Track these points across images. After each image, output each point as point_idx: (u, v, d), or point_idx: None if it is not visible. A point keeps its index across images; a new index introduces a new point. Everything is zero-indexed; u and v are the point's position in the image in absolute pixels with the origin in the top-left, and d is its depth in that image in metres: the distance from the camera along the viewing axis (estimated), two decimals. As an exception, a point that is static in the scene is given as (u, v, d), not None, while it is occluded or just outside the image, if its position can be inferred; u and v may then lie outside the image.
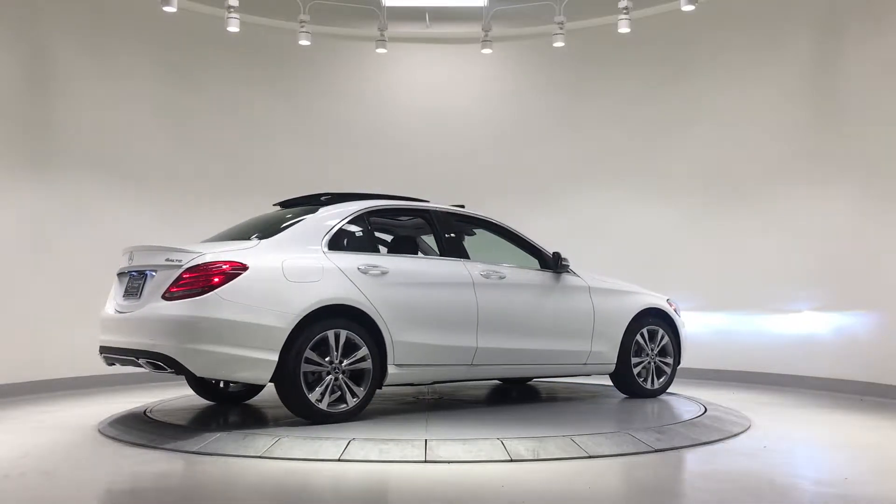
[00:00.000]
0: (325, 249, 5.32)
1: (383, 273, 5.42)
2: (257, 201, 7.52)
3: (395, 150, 9.71)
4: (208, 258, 4.96)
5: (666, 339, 6.72)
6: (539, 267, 6.30)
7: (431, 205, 6.17)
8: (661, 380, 6.72)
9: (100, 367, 6.01)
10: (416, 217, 6.17)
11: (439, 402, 6.42)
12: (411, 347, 5.45)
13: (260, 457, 4.48)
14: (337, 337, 5.13)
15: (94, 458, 4.67)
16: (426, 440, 4.65)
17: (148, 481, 4.13)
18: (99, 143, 8.27)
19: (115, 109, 8.44)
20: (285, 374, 5.00)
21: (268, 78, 9.49)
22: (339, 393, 5.18)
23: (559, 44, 8.91)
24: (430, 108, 9.88)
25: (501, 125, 9.82)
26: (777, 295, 8.16)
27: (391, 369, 5.36)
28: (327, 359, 5.12)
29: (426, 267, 5.86)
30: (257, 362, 4.93)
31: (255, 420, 5.40)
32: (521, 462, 4.39)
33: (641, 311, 6.58)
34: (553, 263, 6.28)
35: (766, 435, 5.35)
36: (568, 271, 6.34)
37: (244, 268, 4.95)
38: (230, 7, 8.28)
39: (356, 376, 5.27)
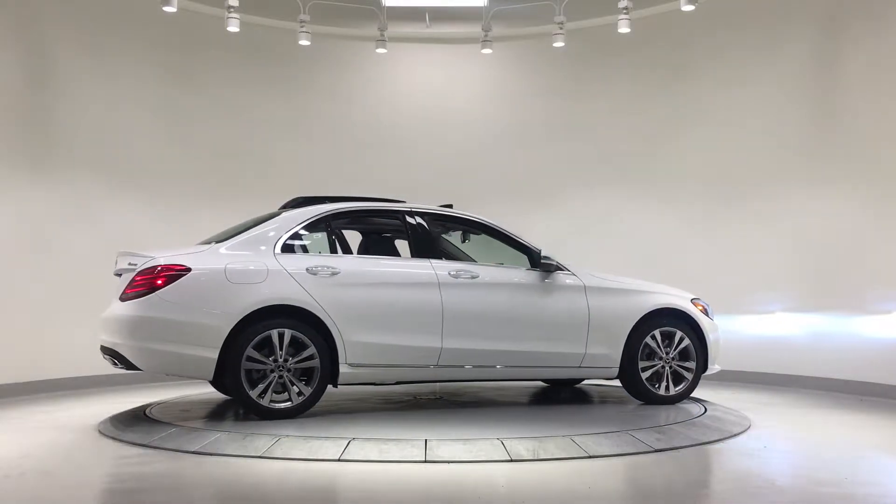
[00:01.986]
0: (278, 252, 5.50)
1: (334, 273, 5.50)
2: (257, 201, 7.54)
3: (395, 149, 9.71)
4: (157, 262, 5.28)
5: (686, 342, 6.20)
6: (529, 266, 6.08)
7: (405, 206, 6.11)
8: (680, 386, 6.21)
9: (100, 367, 6.04)
10: (388, 218, 6.17)
11: (439, 402, 6.42)
12: (365, 347, 5.49)
13: (260, 457, 4.49)
14: (281, 336, 5.29)
15: (94, 458, 4.68)
16: (426, 440, 4.65)
17: (148, 481, 4.13)
18: (99, 143, 8.27)
19: (115, 109, 8.44)
20: (228, 371, 5.21)
21: (268, 78, 9.49)
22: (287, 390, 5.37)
23: (559, 44, 8.91)
24: (430, 108, 9.88)
25: (501, 125, 9.82)
26: (776, 295, 8.16)
27: (343, 368, 5.45)
28: (272, 357, 5.27)
29: (384, 267, 5.81)
30: (198, 359, 5.19)
31: (256, 420, 5.40)
32: (521, 462, 4.40)
33: (653, 311, 6.14)
34: (535, 262, 6.04)
35: (766, 435, 5.35)
36: (561, 269, 6.06)
37: (186, 270, 5.24)
38: (230, 7, 8.28)
39: (308, 375, 5.40)
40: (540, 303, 5.97)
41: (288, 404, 5.33)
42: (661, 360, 6.18)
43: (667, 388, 6.17)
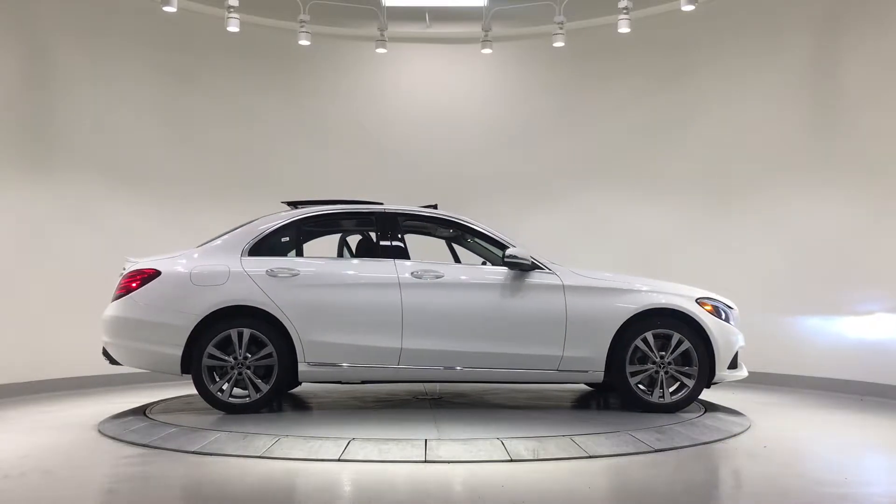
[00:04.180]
0: (245, 256, 5.82)
1: (294, 275, 5.72)
2: (258, 201, 7.54)
3: (395, 149, 9.71)
4: (135, 266, 5.83)
5: (686, 345, 5.75)
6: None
7: (376, 207, 6.16)
8: (679, 394, 5.79)
9: (100, 367, 6.08)
10: (360, 220, 6.29)
11: (439, 401, 6.42)
12: (323, 346, 5.65)
13: (260, 457, 4.49)
14: (240, 335, 5.62)
15: (94, 458, 4.68)
16: (426, 440, 4.66)
17: (148, 481, 4.13)
18: (99, 144, 8.27)
19: (114, 110, 8.44)
20: (191, 367, 5.61)
21: (268, 78, 9.49)
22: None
23: (559, 44, 8.90)
24: (430, 108, 9.88)
25: (501, 125, 9.82)
26: (776, 295, 8.15)
27: (302, 367, 5.66)
28: (233, 355, 5.62)
29: (345, 268, 5.91)
30: (165, 356, 5.64)
31: (256, 420, 5.41)
32: (521, 462, 4.40)
33: (645, 311, 5.77)
34: (501, 260, 5.86)
35: (766, 435, 5.35)
36: (539, 267, 5.84)
37: (157, 274, 5.72)
38: (230, 7, 8.28)
39: (270, 372, 5.66)
40: (510, 303, 5.77)
41: (247, 399, 5.64)
42: (654, 365, 5.78)
43: (662, 394, 5.77)
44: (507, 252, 5.81)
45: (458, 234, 6.45)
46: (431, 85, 9.97)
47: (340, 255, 6.42)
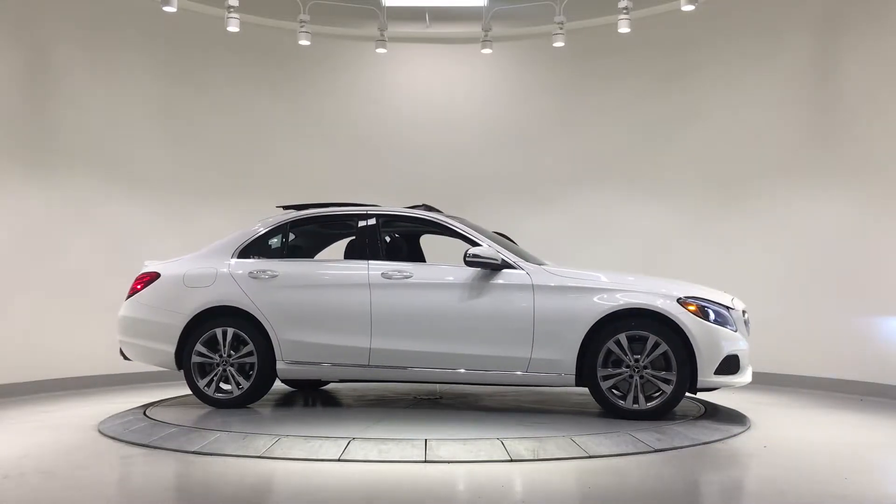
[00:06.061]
0: (234, 258, 6.16)
1: (273, 277, 5.97)
2: (257, 201, 7.56)
3: (395, 149, 9.71)
4: (145, 269, 6.34)
5: (664, 348, 5.33)
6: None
7: (359, 209, 6.20)
8: (655, 400, 5.38)
9: (100, 367, 6.10)
10: (343, 222, 6.40)
11: (439, 401, 6.42)
12: (299, 346, 5.86)
13: (260, 457, 4.50)
14: (224, 334, 5.94)
15: (94, 458, 4.68)
16: (426, 440, 4.66)
17: (148, 481, 4.13)
18: (99, 144, 8.27)
19: (115, 110, 8.44)
20: (182, 363, 6.03)
21: (268, 78, 9.49)
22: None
23: (559, 44, 8.91)
24: (430, 108, 9.88)
25: (501, 125, 9.82)
26: (776, 295, 8.15)
27: (280, 365, 5.90)
28: (218, 353, 5.96)
29: (319, 269, 6.09)
30: (161, 352, 6.10)
31: (256, 420, 5.41)
32: (521, 462, 4.40)
33: (618, 311, 5.41)
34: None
35: (766, 435, 5.35)
36: (510, 266, 5.65)
37: (157, 276, 6.22)
38: (230, 7, 8.28)
39: (253, 369, 5.94)
40: (476, 302, 5.63)
41: (229, 395, 5.95)
42: (628, 369, 5.40)
43: (636, 400, 5.38)
44: (469, 251, 5.64)
45: (439, 234, 6.39)
46: (431, 85, 9.97)
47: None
